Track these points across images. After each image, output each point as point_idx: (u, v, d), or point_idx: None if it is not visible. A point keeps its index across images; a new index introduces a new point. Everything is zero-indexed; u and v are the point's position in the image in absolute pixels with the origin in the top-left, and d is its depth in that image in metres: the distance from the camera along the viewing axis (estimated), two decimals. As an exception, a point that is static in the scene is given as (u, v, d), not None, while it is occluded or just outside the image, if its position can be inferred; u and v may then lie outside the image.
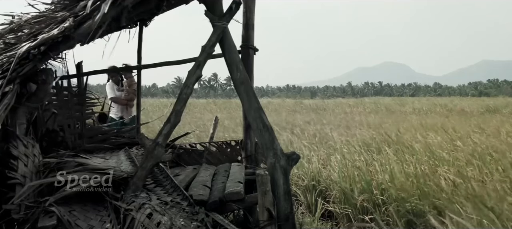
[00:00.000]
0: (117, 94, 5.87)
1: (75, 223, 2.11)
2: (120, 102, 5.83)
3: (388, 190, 3.97)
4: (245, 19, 3.43)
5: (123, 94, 5.85)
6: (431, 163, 4.78)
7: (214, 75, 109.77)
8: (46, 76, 2.76)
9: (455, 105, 22.92)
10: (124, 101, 5.85)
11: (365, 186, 4.17)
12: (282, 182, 2.54)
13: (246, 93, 2.73)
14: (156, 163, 2.72)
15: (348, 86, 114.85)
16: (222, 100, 39.43)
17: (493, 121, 10.38)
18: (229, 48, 2.78)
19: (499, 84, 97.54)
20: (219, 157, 4.07)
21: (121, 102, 5.84)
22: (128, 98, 5.84)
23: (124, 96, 5.83)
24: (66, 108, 3.60)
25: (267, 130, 2.66)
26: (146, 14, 3.10)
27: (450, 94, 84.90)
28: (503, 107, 19.54)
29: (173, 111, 2.62)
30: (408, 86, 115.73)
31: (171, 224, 2.11)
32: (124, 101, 5.85)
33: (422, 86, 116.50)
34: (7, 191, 2.34)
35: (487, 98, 38.12)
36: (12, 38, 2.77)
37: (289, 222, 2.51)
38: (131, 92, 5.78)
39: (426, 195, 3.69)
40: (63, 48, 2.58)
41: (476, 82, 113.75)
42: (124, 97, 5.83)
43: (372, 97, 52.29)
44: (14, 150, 2.44)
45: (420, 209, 3.55)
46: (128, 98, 5.84)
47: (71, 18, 2.45)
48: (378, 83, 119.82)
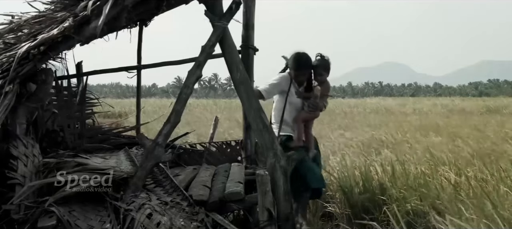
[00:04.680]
0: (291, 100, 3.52)
1: (75, 223, 2.10)
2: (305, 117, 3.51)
3: (388, 190, 3.96)
4: (245, 19, 3.43)
5: (307, 106, 3.46)
6: (432, 163, 4.77)
7: (214, 75, 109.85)
8: (46, 76, 2.76)
9: (455, 105, 22.91)
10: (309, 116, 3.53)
11: (365, 186, 4.17)
12: (282, 182, 2.54)
13: (246, 93, 2.73)
14: (156, 163, 2.72)
15: (348, 86, 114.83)
16: (222, 100, 39.44)
17: (494, 121, 10.38)
18: (229, 48, 2.78)
19: (500, 84, 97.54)
20: (219, 157, 4.07)
21: (305, 117, 3.51)
22: (312, 115, 3.55)
23: (307, 110, 3.47)
24: (66, 108, 3.60)
25: (267, 130, 2.65)
26: (146, 14, 3.10)
27: (451, 94, 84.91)
28: (503, 107, 19.53)
29: (173, 111, 2.62)
30: (408, 86, 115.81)
31: (171, 224, 2.10)
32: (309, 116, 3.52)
33: (422, 86, 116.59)
34: (7, 191, 2.34)
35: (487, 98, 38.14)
36: (12, 38, 2.78)
37: (289, 222, 2.51)
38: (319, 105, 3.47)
39: (426, 195, 3.68)
40: (63, 48, 2.58)
41: (476, 82, 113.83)
42: (307, 111, 3.48)
43: (373, 97, 52.28)
44: (14, 150, 2.44)
45: (421, 209, 3.55)
46: (312, 115, 3.54)
47: (71, 18, 2.45)
48: (378, 83, 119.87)
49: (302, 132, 3.45)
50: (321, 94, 3.43)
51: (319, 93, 3.37)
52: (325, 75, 3.44)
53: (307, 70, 3.46)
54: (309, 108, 3.42)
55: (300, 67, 3.45)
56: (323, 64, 3.43)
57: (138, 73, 4.47)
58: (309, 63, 3.46)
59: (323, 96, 3.46)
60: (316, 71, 3.44)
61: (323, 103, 3.49)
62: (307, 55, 3.48)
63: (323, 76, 3.43)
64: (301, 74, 3.45)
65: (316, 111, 3.45)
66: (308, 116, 3.49)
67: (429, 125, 10.16)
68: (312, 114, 3.48)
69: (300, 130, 3.47)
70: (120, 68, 5.26)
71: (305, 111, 3.45)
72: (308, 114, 3.46)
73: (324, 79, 3.45)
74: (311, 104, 3.41)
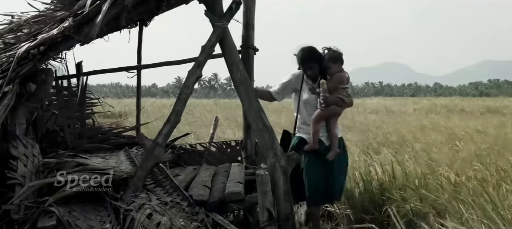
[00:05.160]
0: (306, 98, 3.29)
1: (74, 224, 2.10)
2: (320, 116, 3.19)
3: (388, 190, 3.96)
4: (245, 19, 3.43)
5: (318, 103, 3.17)
6: (432, 163, 4.77)
7: (214, 75, 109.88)
8: (46, 76, 2.76)
9: (455, 105, 22.91)
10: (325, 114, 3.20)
11: (365, 186, 4.16)
12: (282, 183, 2.54)
13: (246, 93, 2.72)
14: (156, 163, 2.72)
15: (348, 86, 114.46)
16: (223, 100, 39.42)
17: (494, 122, 10.38)
18: (229, 48, 2.78)
19: (500, 84, 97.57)
20: (219, 158, 4.07)
21: (321, 116, 3.19)
22: (328, 112, 3.19)
23: (320, 107, 3.16)
24: (66, 108, 3.59)
25: (267, 130, 2.65)
26: (146, 14, 3.10)
27: (451, 94, 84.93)
28: (503, 107, 19.52)
29: (173, 111, 2.62)
30: (408, 86, 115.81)
31: (171, 225, 2.10)
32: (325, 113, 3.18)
33: (422, 86, 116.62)
34: (7, 191, 2.34)
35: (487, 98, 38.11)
36: (11, 38, 2.78)
37: (289, 222, 2.51)
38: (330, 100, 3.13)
39: (426, 195, 3.68)
40: (63, 48, 2.58)
41: (476, 82, 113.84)
42: (321, 109, 3.16)
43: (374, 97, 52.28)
44: (14, 151, 2.44)
45: (421, 209, 3.55)
46: (327, 112, 3.18)
47: (70, 18, 2.45)
48: (379, 83, 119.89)
49: (317, 134, 3.20)
50: (331, 87, 3.14)
51: (325, 86, 3.10)
52: (334, 67, 3.20)
53: (313, 63, 3.26)
54: (321, 105, 3.15)
55: (303, 61, 3.30)
56: (329, 56, 3.23)
57: (138, 73, 4.47)
58: (315, 56, 3.26)
59: (336, 89, 3.17)
60: (324, 64, 3.23)
61: (340, 97, 3.17)
62: (313, 48, 3.31)
63: (331, 68, 3.20)
64: (308, 68, 3.27)
65: (328, 108, 3.15)
66: (324, 113, 3.18)
67: (429, 125, 10.15)
68: (327, 112, 3.17)
69: (314, 131, 3.19)
70: (120, 68, 5.25)
71: (319, 109, 3.18)
72: (323, 111, 3.16)
73: (333, 72, 3.20)
74: (321, 100, 3.15)
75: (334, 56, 3.22)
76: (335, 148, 3.20)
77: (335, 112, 3.24)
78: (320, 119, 3.20)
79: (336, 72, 3.21)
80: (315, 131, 3.19)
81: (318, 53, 3.28)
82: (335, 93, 3.15)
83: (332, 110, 3.19)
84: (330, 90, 3.13)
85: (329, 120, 3.24)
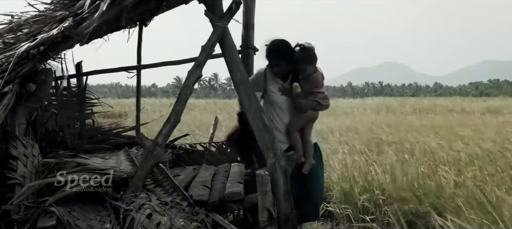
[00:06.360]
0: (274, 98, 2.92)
1: (74, 224, 2.10)
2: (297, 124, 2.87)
3: (389, 190, 3.96)
4: (245, 19, 3.43)
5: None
6: (432, 163, 4.77)
7: (214, 75, 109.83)
8: (45, 76, 2.76)
9: (455, 105, 22.91)
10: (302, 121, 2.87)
11: (365, 186, 4.17)
12: (282, 183, 2.53)
13: (246, 93, 2.72)
14: (156, 164, 2.72)
15: (348, 86, 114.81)
16: (223, 100, 39.42)
17: (494, 122, 10.37)
18: (229, 48, 2.77)
19: (500, 84, 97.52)
20: (219, 158, 4.07)
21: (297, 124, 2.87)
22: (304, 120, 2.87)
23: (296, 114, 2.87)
24: (66, 108, 3.59)
25: (267, 131, 2.65)
26: (145, 14, 3.10)
27: (451, 94, 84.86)
28: (504, 108, 19.52)
29: (173, 111, 2.61)
30: (408, 86, 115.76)
31: (171, 225, 2.10)
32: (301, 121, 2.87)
33: (422, 86, 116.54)
34: (7, 191, 2.33)
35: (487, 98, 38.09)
36: (11, 37, 2.77)
37: (289, 222, 2.50)
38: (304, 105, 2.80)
39: (426, 195, 3.68)
40: (63, 48, 2.57)
41: (476, 82, 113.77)
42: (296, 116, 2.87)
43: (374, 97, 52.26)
44: (14, 151, 2.43)
45: (421, 209, 3.55)
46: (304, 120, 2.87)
47: (70, 17, 2.45)
48: (379, 83, 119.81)
49: (298, 141, 2.81)
50: (307, 91, 2.76)
51: (298, 90, 2.71)
52: (310, 69, 2.78)
53: (280, 60, 2.84)
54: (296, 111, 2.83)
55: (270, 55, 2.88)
56: (303, 55, 2.78)
57: (138, 73, 4.47)
58: (284, 53, 2.83)
59: (312, 93, 2.78)
60: (298, 66, 2.79)
61: (316, 100, 2.79)
62: (285, 43, 2.87)
63: (307, 70, 2.78)
64: (276, 66, 2.86)
65: (303, 113, 2.81)
66: (300, 121, 2.83)
67: (429, 125, 10.16)
68: (304, 118, 2.82)
69: (293, 139, 2.82)
70: (120, 68, 5.26)
71: (294, 116, 2.84)
72: (299, 119, 2.82)
73: (308, 73, 2.78)
74: (295, 106, 2.80)
75: (308, 57, 2.79)
76: (310, 159, 2.82)
77: (312, 118, 2.89)
78: (297, 127, 2.84)
79: (311, 74, 2.80)
80: (295, 139, 2.83)
81: (289, 50, 2.84)
82: (310, 96, 2.79)
83: (309, 115, 2.86)
84: (306, 94, 2.77)
85: (304, 127, 2.87)
